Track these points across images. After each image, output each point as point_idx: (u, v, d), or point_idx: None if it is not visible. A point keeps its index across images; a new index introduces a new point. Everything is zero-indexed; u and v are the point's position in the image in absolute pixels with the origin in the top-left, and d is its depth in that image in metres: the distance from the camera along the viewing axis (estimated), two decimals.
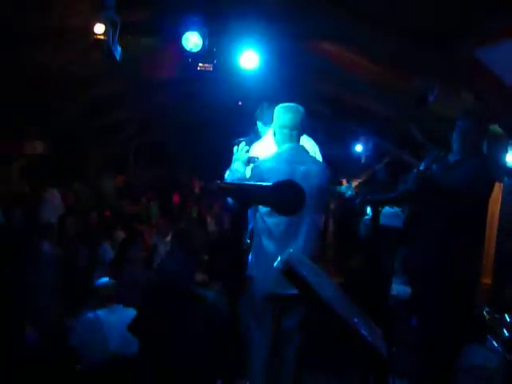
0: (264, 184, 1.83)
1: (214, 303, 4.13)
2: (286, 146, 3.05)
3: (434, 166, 3.25)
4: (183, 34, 4.39)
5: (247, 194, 1.70)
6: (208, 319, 3.85)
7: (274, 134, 3.11)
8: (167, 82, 5.95)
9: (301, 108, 3.09)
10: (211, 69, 4.89)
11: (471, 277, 3.23)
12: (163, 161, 8.41)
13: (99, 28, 3.39)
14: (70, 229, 5.29)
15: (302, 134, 3.13)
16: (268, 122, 3.45)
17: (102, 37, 3.41)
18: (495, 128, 4.90)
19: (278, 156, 3.05)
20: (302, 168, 2.98)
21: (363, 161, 5.73)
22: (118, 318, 3.59)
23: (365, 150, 5.80)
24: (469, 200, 2.99)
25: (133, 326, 3.54)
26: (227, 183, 1.64)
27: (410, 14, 3.92)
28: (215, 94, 6.38)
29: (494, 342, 3.71)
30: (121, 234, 5.64)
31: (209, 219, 6.85)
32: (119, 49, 3.68)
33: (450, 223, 3.05)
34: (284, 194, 1.59)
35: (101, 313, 3.60)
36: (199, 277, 4.79)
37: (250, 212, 3.11)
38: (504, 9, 3.31)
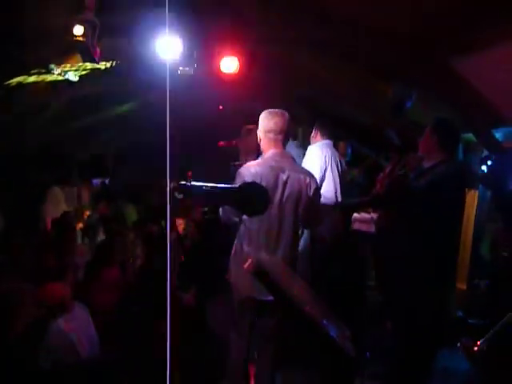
0: (228, 186, 1.86)
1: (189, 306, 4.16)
2: (271, 152, 3.08)
3: (408, 172, 3.31)
4: (162, 38, 4.39)
5: (213, 196, 1.73)
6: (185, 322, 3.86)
7: (259, 141, 3.16)
8: (146, 84, 5.94)
9: (286, 113, 3.14)
10: (192, 73, 4.91)
11: (443, 282, 3.28)
12: (140, 164, 8.39)
13: (78, 30, 3.40)
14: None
15: (287, 139, 3.17)
16: None
17: (81, 38, 3.42)
18: (470, 137, 5.01)
19: (262, 162, 3.08)
20: (285, 175, 3.01)
21: None
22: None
23: (343, 154, 5.85)
24: (439, 205, 3.04)
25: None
26: (193, 185, 1.66)
27: (388, 20, 3.97)
28: (196, 98, 6.40)
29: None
30: (100, 236, 5.61)
31: (184, 222, 6.86)
32: (98, 51, 3.69)
33: (420, 229, 3.09)
34: (248, 196, 1.61)
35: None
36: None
37: None
38: (481, 20, 3.39)
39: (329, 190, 4.44)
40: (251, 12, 4.37)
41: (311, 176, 3.16)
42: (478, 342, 1.79)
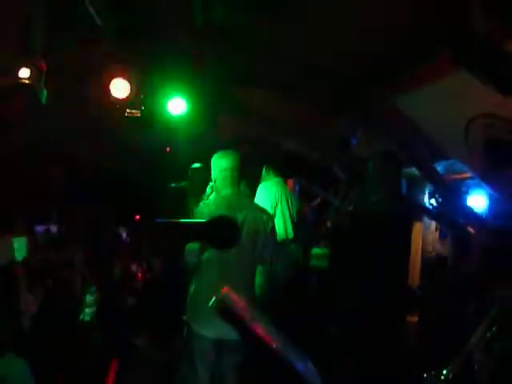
0: (198, 220, 1.85)
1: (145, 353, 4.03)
2: (226, 191, 3.08)
3: (355, 205, 3.40)
4: (110, 80, 4.40)
5: (183, 231, 1.72)
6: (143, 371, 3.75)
7: (214, 182, 3.16)
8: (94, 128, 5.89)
9: (237, 153, 3.21)
10: (139, 115, 4.91)
11: (396, 312, 3.34)
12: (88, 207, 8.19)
13: (24, 72, 3.34)
14: None
15: (241, 179, 3.19)
16: None
17: (27, 81, 3.36)
18: (412, 170, 5.20)
19: (218, 201, 3.07)
20: (241, 215, 3.01)
21: None
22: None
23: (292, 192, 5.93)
24: (389, 239, 3.13)
25: None
26: (163, 221, 1.64)
27: (334, 58, 4.13)
28: (143, 140, 6.37)
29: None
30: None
31: (135, 265, 6.72)
32: (45, 93, 3.63)
33: (371, 262, 3.17)
34: (218, 229, 1.61)
35: None
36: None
37: None
38: (417, 61, 3.59)
39: (279, 227, 4.47)
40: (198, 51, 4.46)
41: (268, 214, 3.19)
42: (444, 371, 1.81)
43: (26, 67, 3.33)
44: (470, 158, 3.55)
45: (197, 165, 4.39)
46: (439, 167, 4.93)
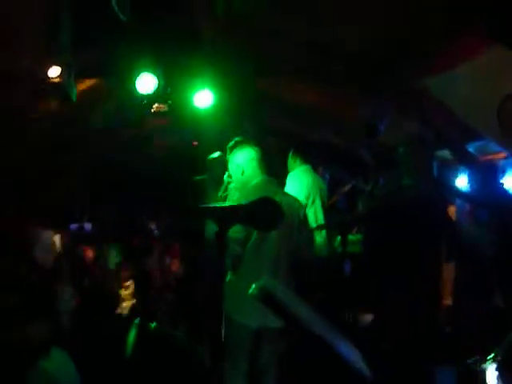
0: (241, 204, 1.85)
1: (184, 345, 4.05)
2: (257, 179, 3.13)
3: (389, 191, 3.35)
4: (137, 75, 4.41)
5: (225, 214, 1.71)
6: (181, 363, 3.77)
7: (243, 173, 3.18)
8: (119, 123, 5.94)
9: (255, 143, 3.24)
10: (166, 109, 4.92)
11: (433, 299, 3.28)
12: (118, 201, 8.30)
13: (54, 71, 3.38)
14: None
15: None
16: None
17: (57, 80, 3.40)
18: (444, 153, 5.10)
19: (251, 190, 3.09)
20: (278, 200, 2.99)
21: None
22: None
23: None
24: (425, 223, 3.07)
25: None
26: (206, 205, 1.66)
27: (359, 40, 4.07)
28: (170, 134, 6.41)
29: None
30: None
31: (168, 258, 6.79)
32: (75, 90, 3.67)
33: (407, 247, 3.10)
34: (262, 209, 1.61)
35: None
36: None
37: None
38: (450, 38, 3.50)
39: (311, 217, 4.43)
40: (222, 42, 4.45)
41: (299, 201, 3.19)
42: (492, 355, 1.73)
43: (56, 66, 3.37)
44: (506, 136, 3.45)
45: (215, 154, 4.31)
46: (471, 148, 4.82)
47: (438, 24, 3.45)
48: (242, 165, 3.18)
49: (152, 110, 4.85)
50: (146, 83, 4.49)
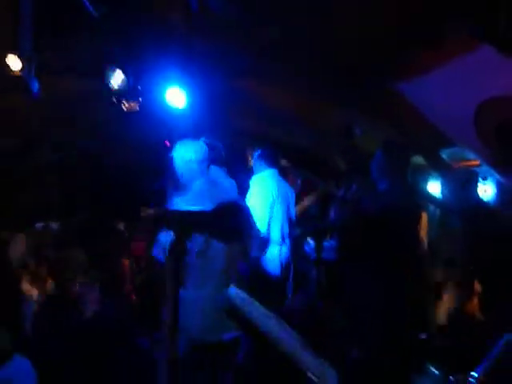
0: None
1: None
2: (198, 183, 2.97)
3: (362, 196, 3.30)
4: (106, 71, 4.28)
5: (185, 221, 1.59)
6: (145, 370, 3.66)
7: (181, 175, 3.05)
8: (90, 123, 5.78)
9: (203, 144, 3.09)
10: (137, 108, 4.78)
11: (409, 305, 3.25)
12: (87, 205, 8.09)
13: (16, 64, 3.22)
14: None
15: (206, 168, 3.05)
16: None
17: (19, 73, 3.25)
18: (417, 159, 5.10)
19: (196, 190, 2.94)
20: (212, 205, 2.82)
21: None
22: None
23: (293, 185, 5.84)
24: (400, 228, 3.03)
25: None
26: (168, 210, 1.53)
27: (334, 44, 4.02)
28: (140, 134, 6.25)
29: (433, 369, 3.73)
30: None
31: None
32: (37, 86, 3.51)
33: (383, 253, 3.07)
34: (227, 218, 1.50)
35: None
36: None
37: None
38: (424, 44, 3.47)
39: (275, 224, 4.37)
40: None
41: (241, 202, 3.09)
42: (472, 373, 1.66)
43: (18, 60, 3.22)
44: (480, 144, 3.43)
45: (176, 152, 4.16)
46: (444, 155, 4.83)
47: (412, 29, 3.43)
48: (178, 167, 3.05)
49: (124, 108, 4.70)
50: (116, 79, 4.36)
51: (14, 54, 3.24)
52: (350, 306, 3.54)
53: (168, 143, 7.28)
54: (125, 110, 4.78)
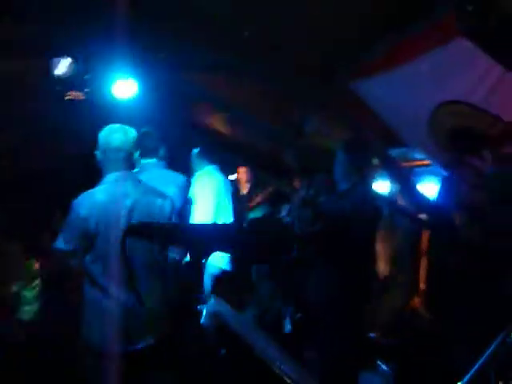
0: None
1: None
2: (113, 175, 2.65)
3: (322, 198, 3.28)
4: (52, 58, 4.05)
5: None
6: None
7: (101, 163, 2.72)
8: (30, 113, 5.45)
9: (130, 129, 2.77)
10: (82, 98, 4.56)
11: (362, 304, 3.26)
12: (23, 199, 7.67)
13: None
14: None
15: (132, 159, 2.74)
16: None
17: None
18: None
19: (104, 188, 2.63)
20: (128, 201, 2.61)
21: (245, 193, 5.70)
22: None
23: (245, 181, 5.77)
24: (360, 227, 3.03)
25: None
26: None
27: (287, 46, 3.98)
28: (84, 126, 5.97)
29: (384, 367, 3.79)
30: None
31: None
32: None
33: (343, 252, 3.05)
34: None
35: None
36: None
37: None
38: (376, 42, 3.48)
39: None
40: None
41: (165, 197, 2.78)
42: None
43: None
44: (433, 145, 3.49)
45: None
46: (394, 154, 4.90)
47: (370, 27, 3.44)
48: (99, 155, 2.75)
49: (67, 98, 4.47)
50: (63, 66, 4.14)
51: None
52: (305, 305, 3.52)
53: None
54: (68, 99, 4.56)
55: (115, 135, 2.69)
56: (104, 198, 2.57)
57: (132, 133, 2.75)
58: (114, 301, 2.47)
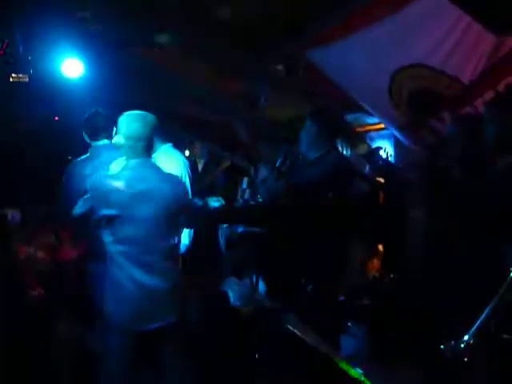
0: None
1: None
2: (132, 162, 2.72)
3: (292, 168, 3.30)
4: None
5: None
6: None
7: (120, 147, 2.77)
8: None
9: (149, 116, 2.77)
10: (27, 80, 4.35)
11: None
12: None
13: None
14: None
15: (151, 147, 2.83)
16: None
17: None
18: None
19: (119, 174, 2.72)
20: (144, 186, 2.69)
21: (200, 169, 5.65)
22: None
23: (200, 157, 5.71)
24: (333, 194, 3.06)
25: None
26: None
27: (241, 14, 3.93)
28: (27, 108, 5.70)
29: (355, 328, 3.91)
30: None
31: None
32: None
33: (317, 220, 3.07)
34: None
35: None
36: None
37: None
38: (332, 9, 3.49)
39: None
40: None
41: (178, 183, 2.91)
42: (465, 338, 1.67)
43: None
44: (392, 109, 3.58)
45: None
46: (349, 119, 5.00)
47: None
48: (118, 140, 2.84)
49: (11, 79, 4.24)
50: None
51: None
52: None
53: (57, 119, 6.77)
54: (11, 80, 4.34)
55: (136, 124, 2.73)
56: (123, 184, 2.66)
57: (152, 120, 2.78)
58: (135, 281, 2.62)
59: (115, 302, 2.67)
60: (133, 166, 2.70)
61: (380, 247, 4.98)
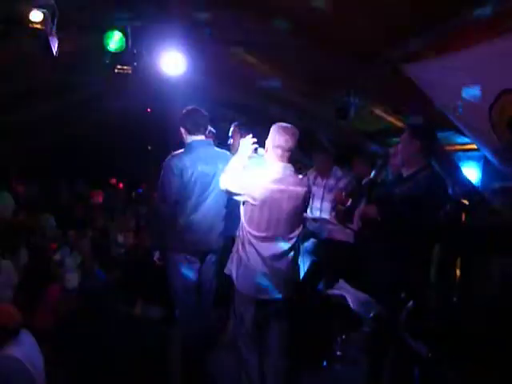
0: None
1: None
2: (277, 166, 3.18)
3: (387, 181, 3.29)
4: (106, 31, 4.08)
5: None
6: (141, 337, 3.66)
7: (266, 150, 3.24)
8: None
9: (296, 131, 3.24)
10: (130, 71, 4.59)
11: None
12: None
13: (36, 15, 2.96)
14: None
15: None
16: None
17: (39, 26, 2.98)
18: None
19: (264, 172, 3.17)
20: (283, 186, 3.16)
21: None
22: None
23: None
24: (424, 212, 3.03)
25: None
26: None
27: (334, 26, 3.95)
28: (126, 98, 6.00)
29: None
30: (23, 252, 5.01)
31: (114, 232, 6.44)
32: (56, 42, 3.26)
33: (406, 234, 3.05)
34: None
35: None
36: None
37: None
38: (427, 28, 3.46)
39: None
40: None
41: (307, 187, 3.33)
42: None
43: (38, 10, 2.94)
44: (490, 131, 3.48)
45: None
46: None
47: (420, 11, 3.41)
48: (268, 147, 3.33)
49: (116, 71, 4.49)
50: (114, 41, 4.19)
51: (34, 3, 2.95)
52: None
53: (150, 110, 7.08)
54: (116, 72, 4.59)
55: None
56: (267, 182, 3.17)
57: (297, 134, 3.25)
58: (261, 258, 3.16)
59: (244, 277, 3.20)
60: (277, 169, 3.20)
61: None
